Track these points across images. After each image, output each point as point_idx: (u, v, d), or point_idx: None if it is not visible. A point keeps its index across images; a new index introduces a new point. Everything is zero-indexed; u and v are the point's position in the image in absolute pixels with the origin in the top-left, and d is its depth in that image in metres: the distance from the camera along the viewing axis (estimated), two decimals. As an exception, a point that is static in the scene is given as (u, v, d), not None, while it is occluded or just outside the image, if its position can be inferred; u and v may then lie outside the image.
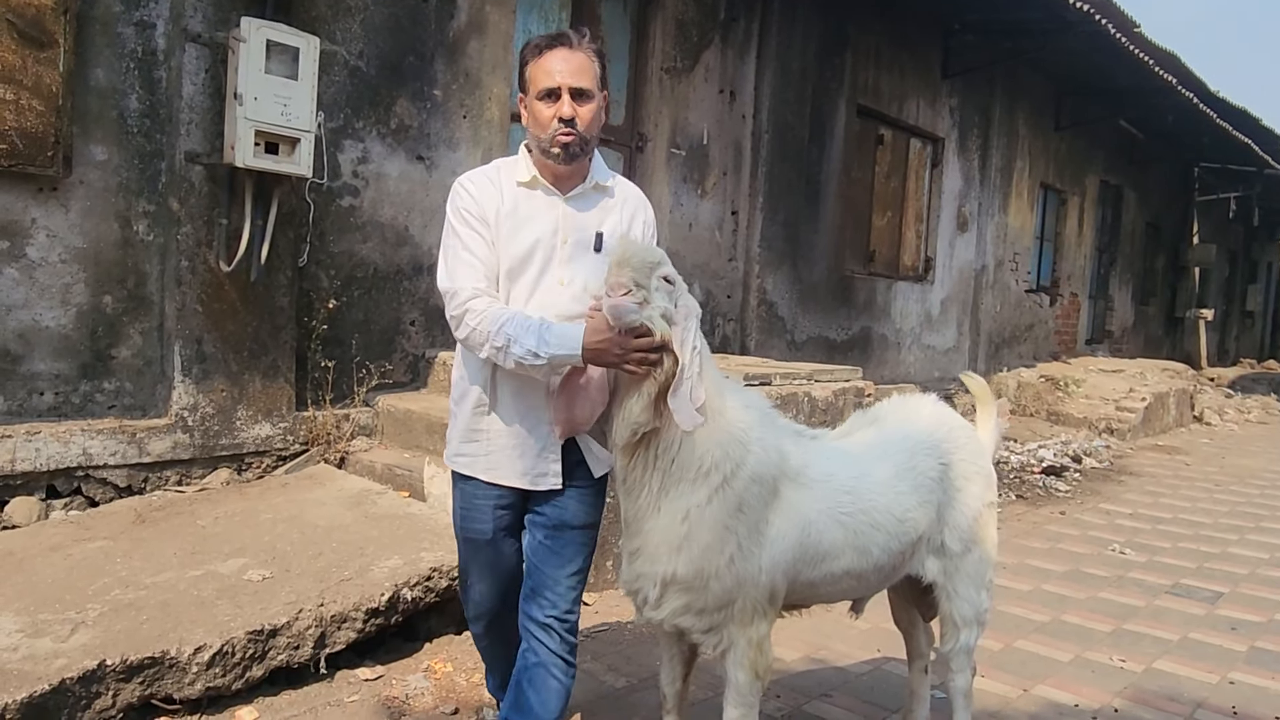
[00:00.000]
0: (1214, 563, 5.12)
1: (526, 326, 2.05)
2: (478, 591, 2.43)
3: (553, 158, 2.17)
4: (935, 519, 2.38)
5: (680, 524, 2.01)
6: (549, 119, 2.14)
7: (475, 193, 2.21)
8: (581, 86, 2.15)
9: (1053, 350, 12.30)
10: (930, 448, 2.42)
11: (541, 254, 2.19)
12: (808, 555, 2.15)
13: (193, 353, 4.08)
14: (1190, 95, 11.09)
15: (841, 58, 8.01)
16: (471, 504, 2.33)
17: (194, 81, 4.00)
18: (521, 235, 2.19)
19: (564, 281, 2.20)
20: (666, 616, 2.09)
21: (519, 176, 2.23)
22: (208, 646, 2.67)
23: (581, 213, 2.25)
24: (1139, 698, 3.27)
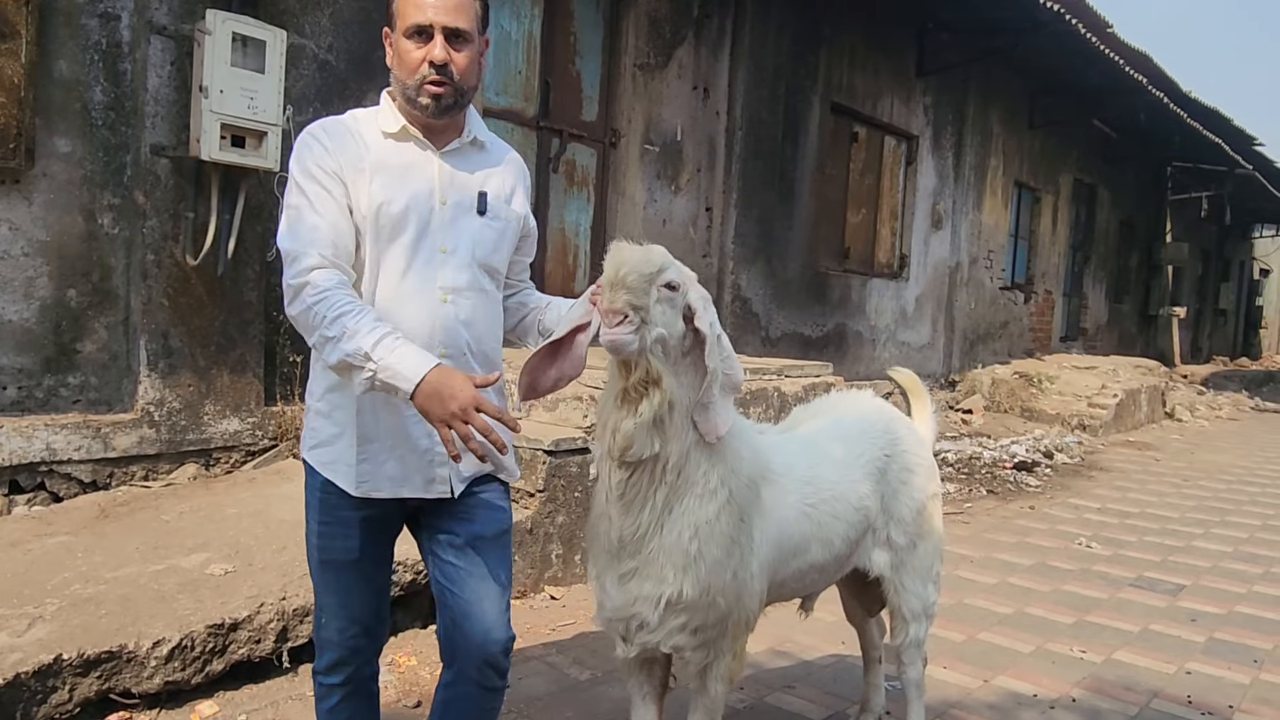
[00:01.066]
0: (1178, 556, 5.19)
1: (371, 327, 1.68)
2: (335, 631, 1.95)
3: (420, 108, 1.83)
4: (880, 510, 2.40)
5: (689, 541, 1.86)
6: (417, 62, 1.80)
7: (330, 144, 1.82)
8: (458, 27, 1.81)
9: (1027, 347, 12.41)
10: (873, 438, 2.43)
11: (417, 216, 1.84)
12: (783, 553, 2.10)
13: (159, 347, 4.06)
14: (1161, 95, 11.23)
15: (816, 55, 8.05)
16: (332, 515, 1.90)
17: (159, 74, 3.97)
18: (393, 193, 1.82)
19: (445, 248, 1.86)
20: (662, 639, 1.93)
21: (385, 126, 1.87)
22: (167, 640, 2.66)
23: (460, 171, 1.91)
24: (1097, 687, 3.32)
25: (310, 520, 1.95)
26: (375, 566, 1.98)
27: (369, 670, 2.04)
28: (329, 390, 1.88)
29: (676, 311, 1.80)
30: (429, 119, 1.85)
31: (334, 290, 1.72)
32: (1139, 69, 10.74)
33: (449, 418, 1.62)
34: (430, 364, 1.66)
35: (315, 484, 1.92)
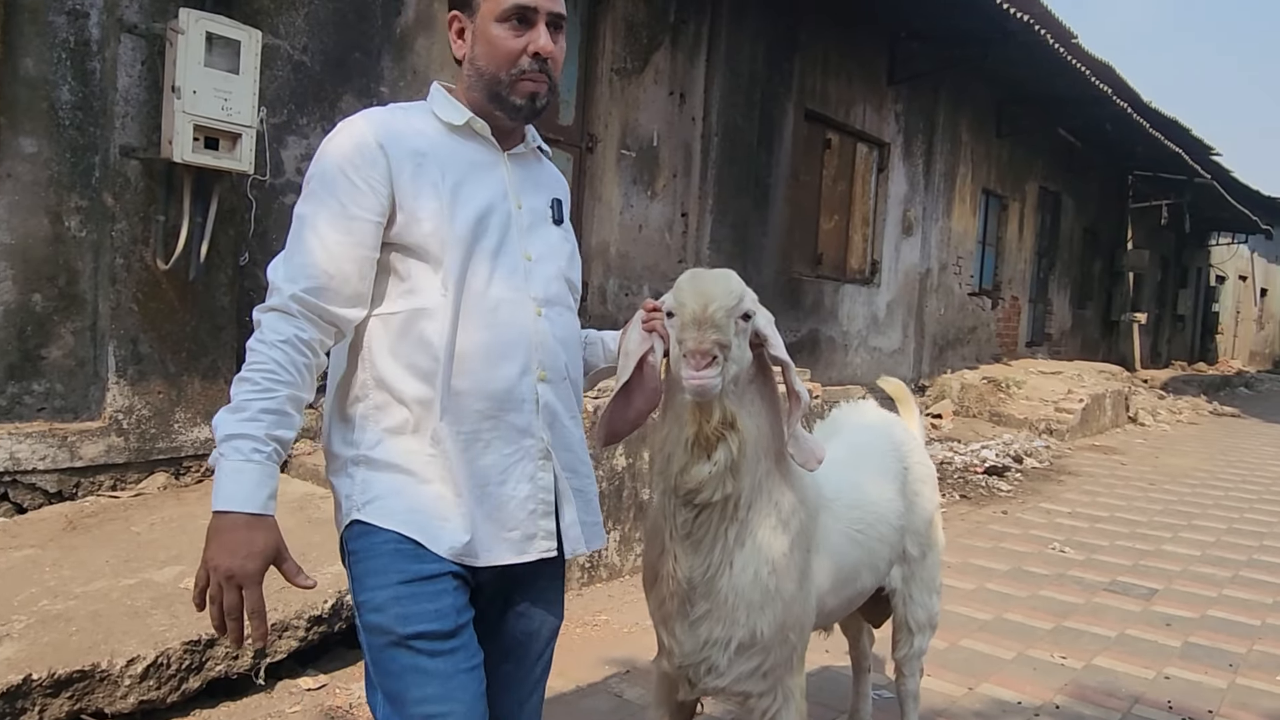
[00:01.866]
0: (1149, 560, 5.26)
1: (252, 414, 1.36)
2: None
3: (510, 109, 1.54)
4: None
5: (768, 577, 1.73)
6: (516, 51, 1.50)
7: (370, 142, 1.46)
8: (561, 13, 1.55)
9: (995, 352, 12.55)
10: (892, 451, 2.39)
11: (498, 220, 1.54)
12: (836, 583, 2.00)
13: (128, 353, 3.95)
14: (1124, 105, 11.42)
15: (790, 62, 8.08)
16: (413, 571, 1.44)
17: (130, 73, 3.87)
18: (470, 193, 1.52)
19: (531, 256, 1.58)
20: (731, 683, 1.80)
21: (448, 118, 1.55)
22: (141, 658, 2.58)
23: (528, 176, 1.64)
24: (1079, 694, 3.34)
25: (377, 590, 1.44)
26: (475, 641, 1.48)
27: None
28: (391, 433, 1.48)
29: (745, 340, 1.66)
30: (514, 121, 1.57)
31: (270, 346, 1.40)
32: (1103, 79, 10.92)
33: (215, 570, 1.32)
34: (252, 507, 1.33)
35: (379, 541, 1.46)
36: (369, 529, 1.47)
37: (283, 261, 1.46)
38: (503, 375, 1.50)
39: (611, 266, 6.50)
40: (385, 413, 1.49)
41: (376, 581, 1.45)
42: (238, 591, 1.33)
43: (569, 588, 4.03)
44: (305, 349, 1.42)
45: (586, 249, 6.37)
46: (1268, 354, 29.32)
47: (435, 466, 1.47)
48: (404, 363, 1.48)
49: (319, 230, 1.45)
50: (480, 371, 1.49)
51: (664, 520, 1.75)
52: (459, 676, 1.43)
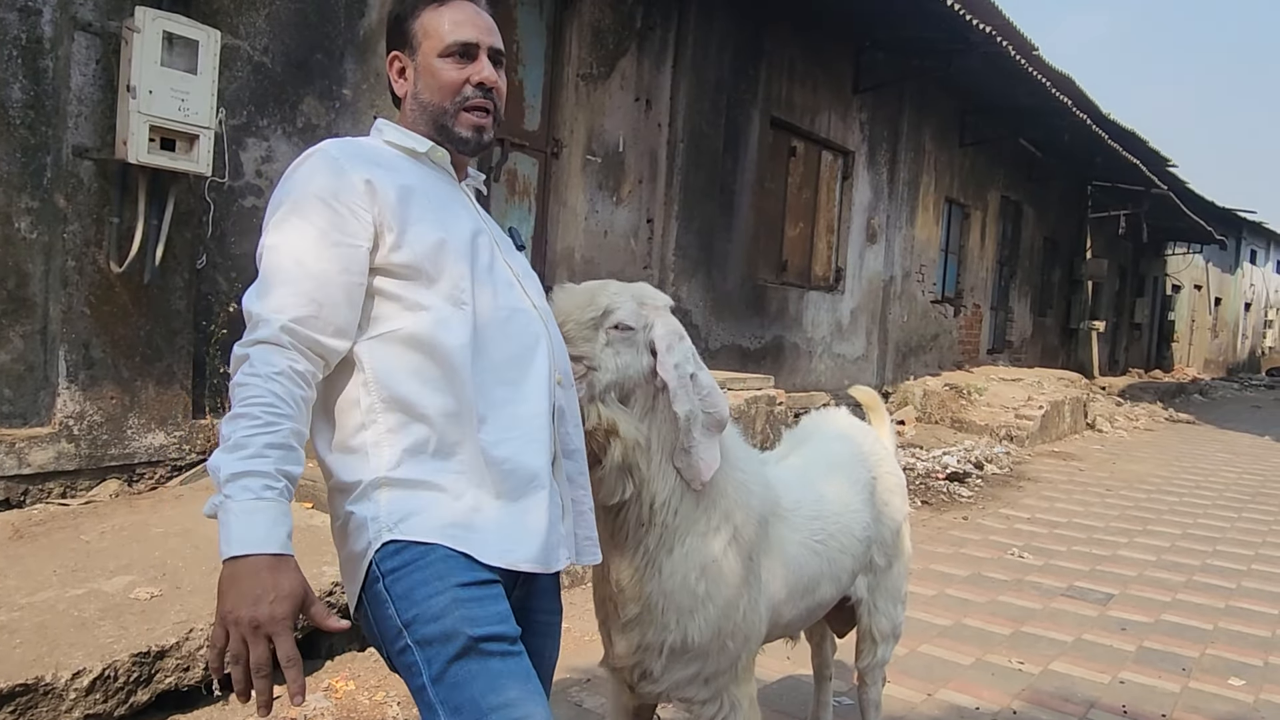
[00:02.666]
0: (1105, 565, 5.33)
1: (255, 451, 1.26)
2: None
3: (455, 140, 1.54)
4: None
5: (695, 582, 1.74)
6: (458, 82, 1.52)
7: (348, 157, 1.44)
8: (500, 49, 1.58)
9: (957, 359, 12.70)
10: (861, 460, 2.38)
11: (486, 240, 1.53)
12: (792, 593, 2.01)
13: (79, 357, 3.87)
14: (1084, 116, 11.62)
15: (756, 70, 8.12)
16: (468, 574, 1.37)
17: (84, 72, 3.80)
18: (451, 211, 1.51)
19: (517, 272, 1.57)
20: (668, 689, 1.81)
21: (410, 145, 1.54)
22: (88, 671, 2.52)
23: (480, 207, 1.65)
24: (1036, 699, 3.37)
25: (434, 597, 1.34)
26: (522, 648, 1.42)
27: None
28: (410, 453, 1.40)
29: (637, 350, 1.69)
30: (460, 153, 1.58)
31: (266, 379, 1.30)
32: (1063, 91, 11.11)
33: (238, 623, 1.20)
34: (273, 548, 1.23)
35: (424, 552, 1.37)
36: (407, 546, 1.36)
37: (262, 293, 1.37)
38: (534, 382, 1.48)
39: (576, 272, 6.48)
40: (401, 433, 1.40)
41: (430, 590, 1.34)
42: (266, 643, 1.20)
43: (531, 596, 4.00)
44: (302, 382, 1.33)
45: (551, 255, 6.36)
46: (1222, 362, 29.99)
47: (464, 481, 1.41)
48: (421, 378, 1.41)
49: (302, 258, 1.37)
50: (516, 380, 1.46)
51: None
52: (534, 680, 1.36)
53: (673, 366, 1.70)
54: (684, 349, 1.73)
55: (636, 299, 1.74)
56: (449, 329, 1.41)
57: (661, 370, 1.70)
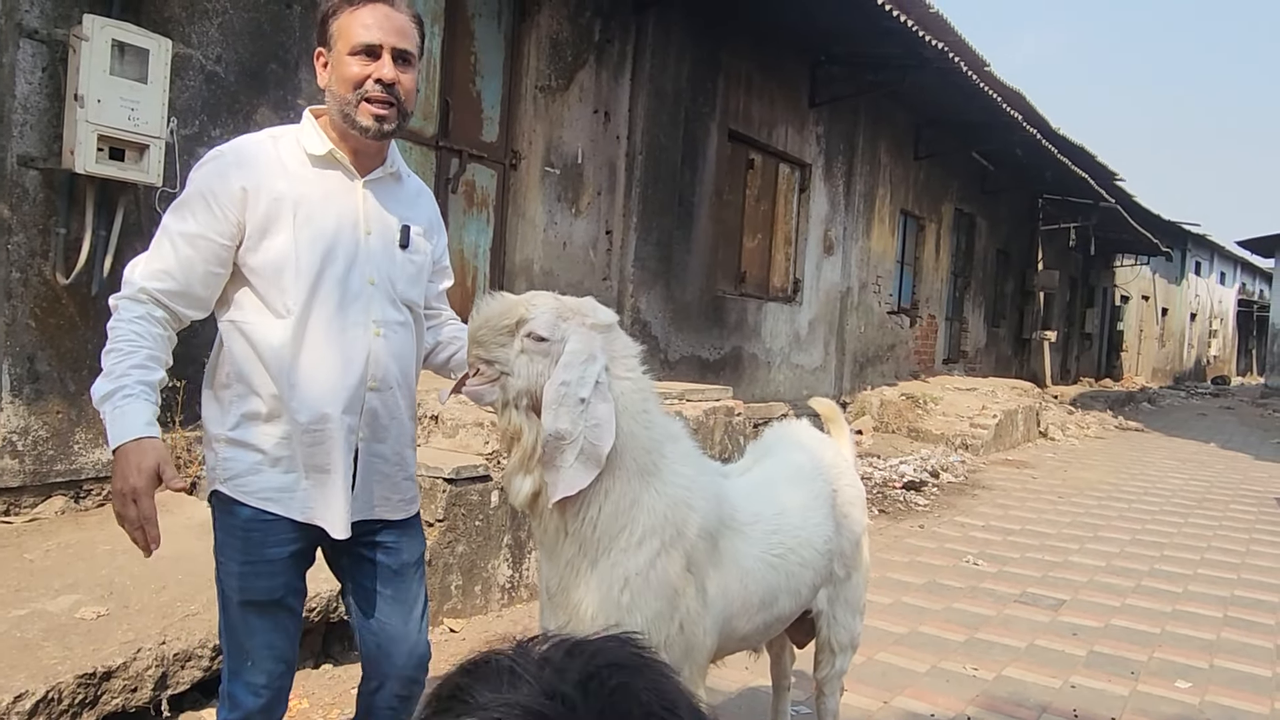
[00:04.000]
0: (1057, 571, 5.43)
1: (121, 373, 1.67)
2: (264, 674, 1.85)
3: (359, 128, 1.78)
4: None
5: (620, 593, 1.76)
6: (360, 77, 1.76)
7: (229, 171, 1.75)
8: (406, 49, 1.80)
9: (913, 369, 12.87)
10: (821, 473, 2.39)
11: (344, 248, 1.80)
12: (747, 607, 2.00)
13: (24, 371, 3.77)
14: (1034, 131, 11.87)
15: (714, 83, 8.19)
16: (258, 553, 1.80)
17: (29, 80, 3.72)
18: (320, 225, 1.78)
19: (374, 280, 1.84)
20: None
21: (312, 148, 1.81)
22: (30, 694, 2.45)
23: (382, 202, 1.88)
24: (990, 704, 3.43)
25: (228, 561, 1.83)
26: (299, 600, 1.91)
27: (283, 711, 1.96)
28: (249, 419, 1.80)
29: (552, 361, 1.73)
30: (367, 140, 1.82)
31: (127, 321, 1.72)
32: (1014, 106, 11.35)
33: (116, 496, 1.66)
34: (134, 434, 1.65)
35: (236, 520, 1.81)
36: (227, 501, 1.82)
37: (143, 262, 1.77)
38: (344, 385, 1.81)
39: (535, 284, 6.47)
40: (244, 401, 1.80)
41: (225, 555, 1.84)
42: (134, 505, 1.63)
43: (489, 608, 3.98)
44: (157, 323, 1.75)
45: (510, 266, 6.34)
46: (1169, 370, 30.74)
47: (284, 449, 1.79)
48: (257, 364, 1.78)
49: (175, 243, 1.76)
50: (325, 380, 1.79)
51: None
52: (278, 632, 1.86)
53: (559, 382, 1.71)
54: (584, 371, 1.73)
55: (559, 313, 1.76)
56: (271, 332, 1.77)
57: (546, 391, 1.72)
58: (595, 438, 1.70)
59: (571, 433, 1.69)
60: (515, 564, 4.07)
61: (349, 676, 3.22)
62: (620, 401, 1.78)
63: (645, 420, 1.82)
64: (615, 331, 1.84)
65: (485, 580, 3.96)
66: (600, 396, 1.72)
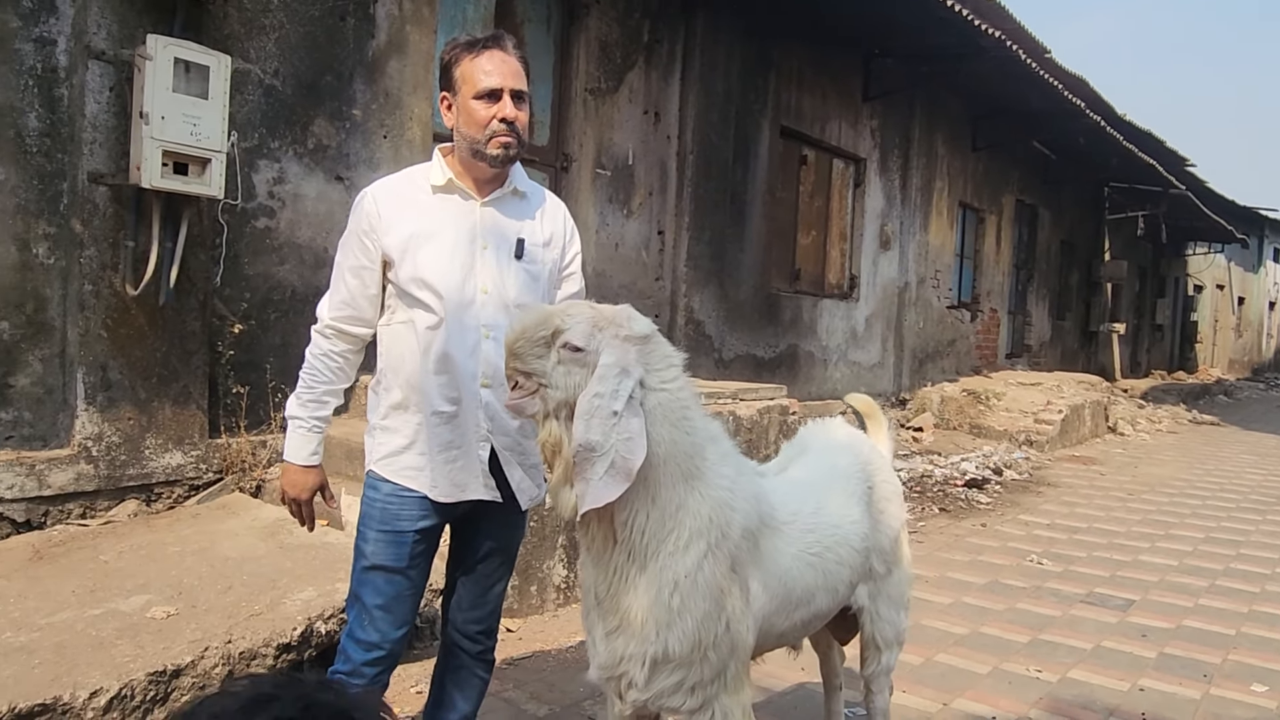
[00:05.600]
0: (1126, 570, 5.28)
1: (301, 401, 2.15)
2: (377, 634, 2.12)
3: (487, 159, 2.08)
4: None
5: (670, 596, 1.78)
6: (487, 119, 2.05)
7: (370, 211, 2.11)
8: (522, 90, 2.10)
9: (974, 364, 12.63)
10: (858, 470, 2.38)
11: (461, 263, 2.09)
12: (786, 605, 2.02)
13: (97, 380, 3.93)
14: (1098, 118, 11.55)
15: (765, 79, 8.14)
16: (391, 524, 2.12)
17: (98, 100, 3.87)
18: (437, 243, 2.08)
19: (486, 289, 2.10)
20: (652, 698, 1.85)
21: (434, 180, 2.13)
22: (104, 690, 2.55)
23: (501, 218, 2.16)
24: (1054, 707, 3.35)
25: (366, 529, 2.15)
26: (420, 574, 2.19)
27: (388, 678, 2.21)
28: (394, 409, 2.14)
29: (590, 371, 1.74)
30: (489, 168, 2.10)
31: (316, 357, 2.17)
32: (1077, 93, 11.06)
33: (282, 492, 2.20)
34: (301, 462, 2.16)
35: (378, 494, 2.14)
36: (375, 478, 2.16)
37: (326, 298, 2.19)
38: (462, 381, 2.09)
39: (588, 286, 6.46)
40: (389, 394, 2.14)
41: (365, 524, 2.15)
42: (297, 506, 2.19)
43: (544, 609, 4.01)
44: (337, 357, 2.18)
45: (563, 268, 6.38)
46: (1246, 362, 29.61)
47: (419, 435, 2.11)
48: (398, 362, 2.12)
49: (344, 277, 2.15)
50: (446, 375, 2.09)
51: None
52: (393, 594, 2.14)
53: (593, 394, 1.71)
54: (619, 384, 1.72)
55: (594, 323, 1.77)
56: (409, 335, 2.11)
57: (581, 393, 1.73)
58: (627, 451, 1.70)
59: (603, 445, 1.69)
60: (570, 564, 4.10)
61: (409, 675, 3.28)
62: (659, 411, 1.78)
63: (686, 426, 1.82)
64: (653, 341, 1.82)
65: (540, 581, 4.00)
66: (632, 411, 1.72)
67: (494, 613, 2.34)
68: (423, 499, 2.11)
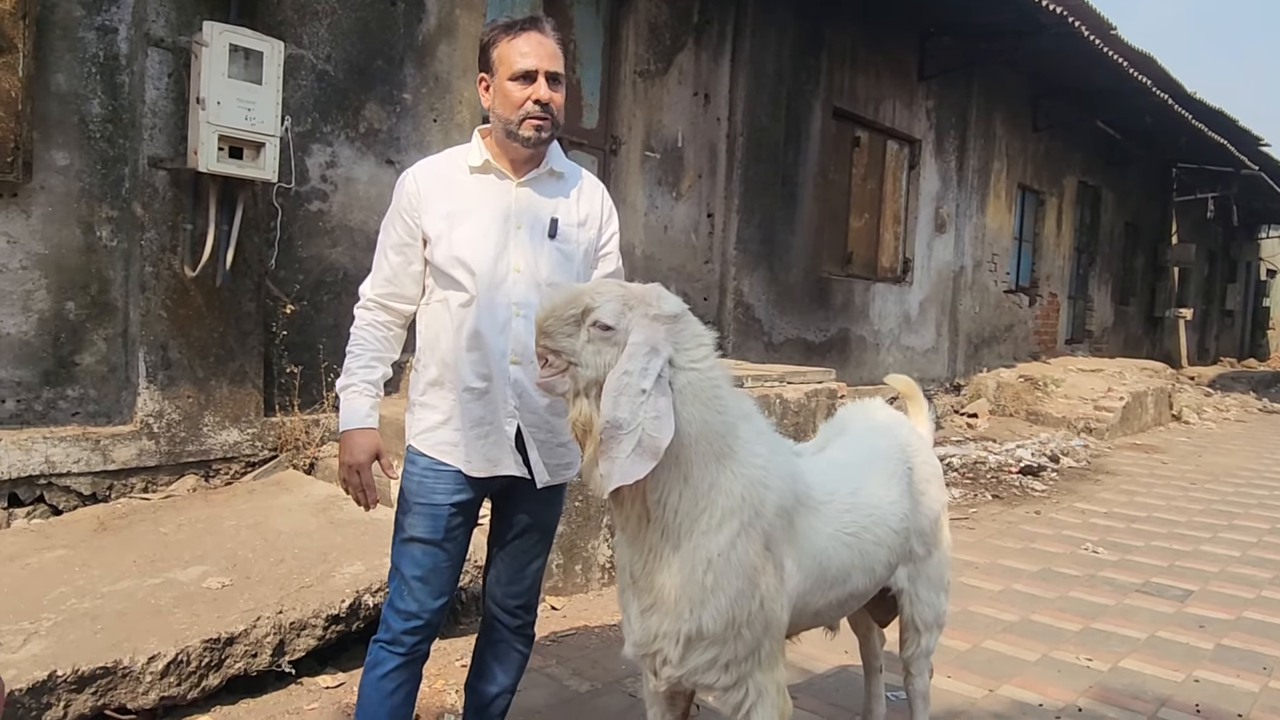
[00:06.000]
0: (1186, 560, 5.14)
1: (352, 370, 2.16)
2: (415, 604, 2.16)
3: (520, 140, 2.10)
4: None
5: (703, 574, 1.78)
6: (521, 100, 2.07)
7: (411, 190, 2.15)
8: (557, 71, 2.11)
9: (1032, 350, 12.36)
10: (897, 451, 2.37)
11: (494, 241, 2.12)
12: (821, 583, 2.02)
13: (158, 359, 4.05)
14: (1166, 96, 11.18)
15: (817, 60, 8.03)
16: (429, 497, 2.15)
17: (157, 86, 3.97)
18: (472, 222, 2.12)
19: (519, 268, 2.13)
20: (687, 674, 1.86)
21: (471, 161, 2.16)
22: (162, 655, 2.65)
23: (536, 197, 2.18)
24: (1104, 696, 3.28)
25: (405, 501, 2.19)
26: (457, 547, 2.21)
27: (427, 648, 2.23)
28: (431, 385, 2.19)
29: (620, 349, 1.74)
30: (523, 149, 2.12)
31: (360, 329, 2.20)
32: (1143, 70, 10.70)
33: (340, 465, 2.16)
34: (356, 424, 2.14)
35: (417, 469, 2.18)
36: (414, 453, 2.20)
37: (369, 276, 2.22)
38: (492, 358, 2.12)
39: (637, 269, 6.51)
40: (427, 370, 2.19)
41: (404, 497, 2.20)
42: (356, 474, 2.14)
43: (589, 587, 4.05)
44: (381, 326, 2.20)
45: (611, 251, 6.39)
46: (1323, 349, 28.48)
47: (453, 411, 2.15)
48: (434, 340, 2.17)
49: (387, 254, 2.19)
50: (478, 352, 2.12)
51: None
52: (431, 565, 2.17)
53: (622, 371, 1.72)
54: (648, 363, 1.72)
55: (624, 301, 1.77)
56: (444, 313, 2.15)
57: (610, 371, 1.73)
58: (654, 429, 1.69)
59: (630, 422, 1.69)
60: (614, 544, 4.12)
61: (454, 649, 3.34)
62: (689, 390, 1.78)
63: (718, 405, 1.82)
64: (683, 320, 1.82)
65: (585, 560, 4.04)
66: (660, 390, 1.72)
67: (532, 588, 2.36)
68: (457, 473, 2.15)
